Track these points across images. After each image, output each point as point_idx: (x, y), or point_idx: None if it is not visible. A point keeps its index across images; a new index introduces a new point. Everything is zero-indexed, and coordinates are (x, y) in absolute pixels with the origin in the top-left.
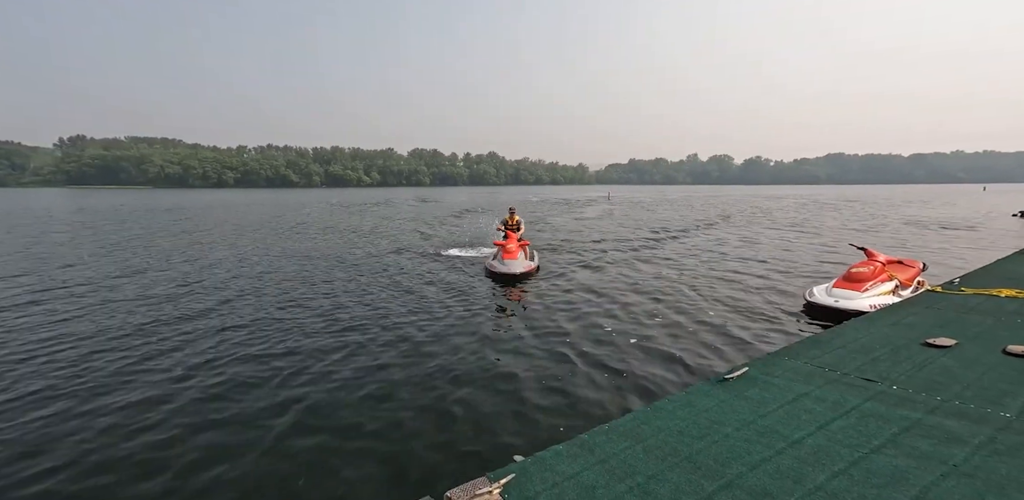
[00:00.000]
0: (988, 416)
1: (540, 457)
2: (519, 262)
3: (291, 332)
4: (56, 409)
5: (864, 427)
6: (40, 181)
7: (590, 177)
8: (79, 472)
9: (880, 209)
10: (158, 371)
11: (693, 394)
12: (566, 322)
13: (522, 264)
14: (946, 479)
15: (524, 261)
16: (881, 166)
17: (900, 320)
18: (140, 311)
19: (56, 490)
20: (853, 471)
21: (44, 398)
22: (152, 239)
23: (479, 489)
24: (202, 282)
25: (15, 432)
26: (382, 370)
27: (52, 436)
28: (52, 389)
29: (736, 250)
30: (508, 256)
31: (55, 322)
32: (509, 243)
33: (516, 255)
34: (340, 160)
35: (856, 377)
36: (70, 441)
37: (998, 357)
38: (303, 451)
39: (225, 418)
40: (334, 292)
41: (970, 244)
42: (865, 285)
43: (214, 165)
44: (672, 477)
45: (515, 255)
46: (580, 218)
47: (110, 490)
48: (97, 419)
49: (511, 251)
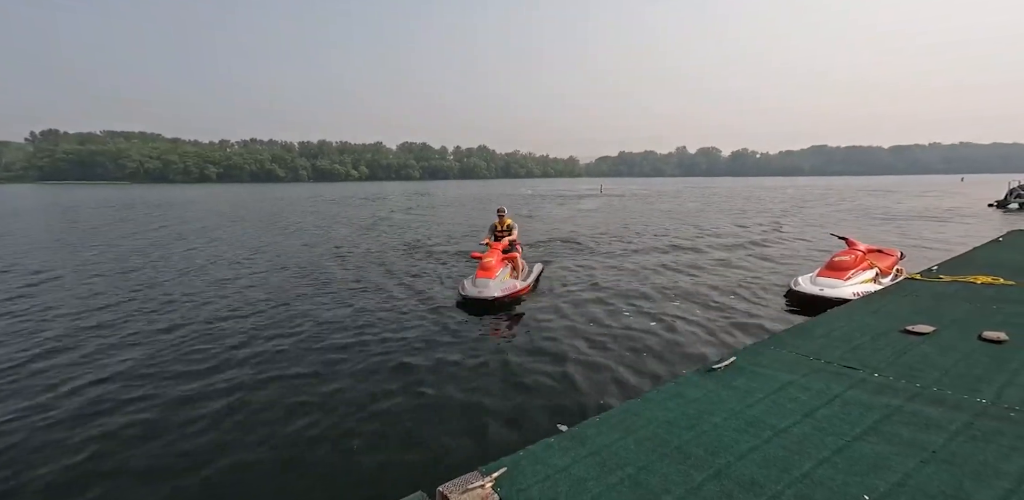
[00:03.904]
0: (965, 402)
1: (531, 450)
2: (497, 282)
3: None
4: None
5: (847, 415)
6: (10, 177)
7: (581, 170)
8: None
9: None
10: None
11: (682, 385)
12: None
13: (502, 285)
14: (926, 466)
15: (508, 281)
16: (863, 158)
17: (881, 308)
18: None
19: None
20: (837, 459)
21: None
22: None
23: (471, 483)
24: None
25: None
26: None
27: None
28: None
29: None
30: (483, 274)
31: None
32: (487, 256)
33: (495, 272)
34: (327, 154)
35: (839, 365)
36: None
37: (974, 343)
38: (294, 448)
39: (239, 416)
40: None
41: (946, 232)
42: (848, 273)
43: (196, 160)
44: (662, 468)
45: (493, 272)
46: (581, 209)
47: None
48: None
49: (488, 267)
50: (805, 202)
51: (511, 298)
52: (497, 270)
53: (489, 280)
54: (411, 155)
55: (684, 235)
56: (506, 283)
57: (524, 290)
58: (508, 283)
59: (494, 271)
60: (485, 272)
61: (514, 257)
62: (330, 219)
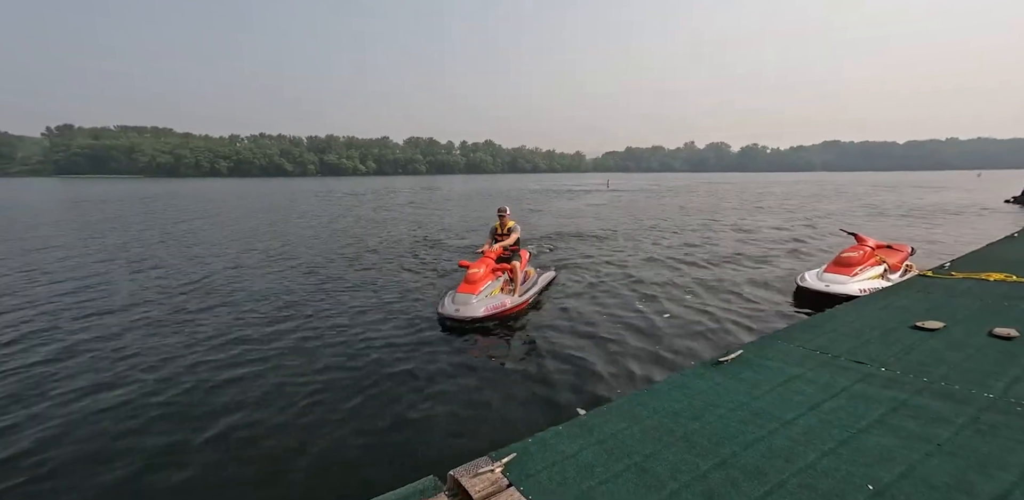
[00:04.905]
0: (972, 397)
1: (540, 437)
2: (481, 299)
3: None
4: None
5: (853, 408)
6: (28, 171)
7: (587, 165)
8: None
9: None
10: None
11: (688, 376)
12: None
13: (488, 302)
14: (931, 458)
15: (496, 297)
16: (877, 153)
17: (891, 304)
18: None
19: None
20: (842, 450)
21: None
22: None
23: (481, 468)
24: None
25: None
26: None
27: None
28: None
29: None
30: (465, 288)
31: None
32: (474, 266)
33: (479, 287)
34: (335, 149)
35: (847, 359)
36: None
37: (984, 339)
38: (308, 433)
39: (252, 397)
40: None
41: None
42: (855, 270)
43: (206, 154)
44: (668, 456)
45: (477, 287)
46: (589, 204)
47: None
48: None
49: (472, 280)
50: (814, 198)
51: (500, 317)
52: (483, 284)
53: (471, 296)
54: (417, 150)
55: (694, 230)
56: (493, 299)
57: (518, 307)
58: (495, 300)
59: (478, 285)
60: (468, 286)
61: (512, 267)
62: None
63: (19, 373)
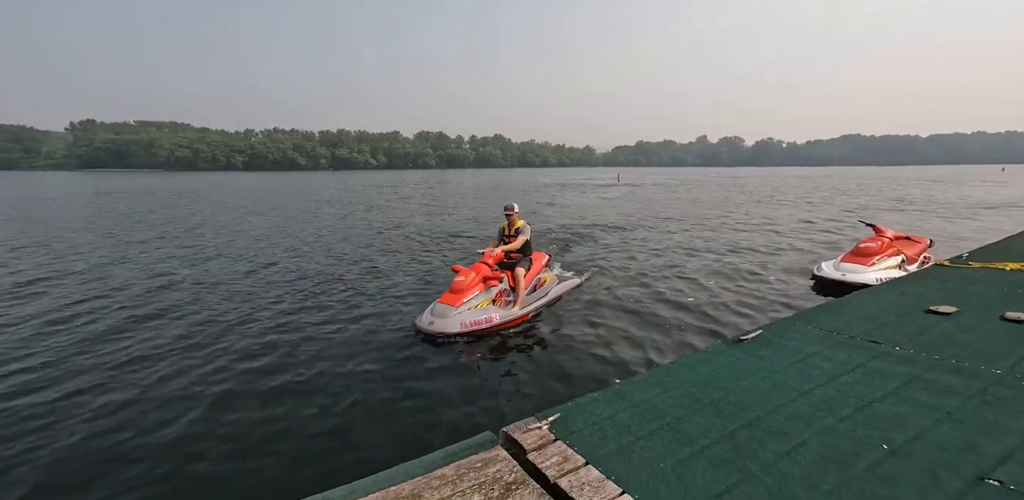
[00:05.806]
0: (981, 372)
1: (579, 402)
2: (461, 312)
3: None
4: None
5: (868, 381)
6: (53, 164)
7: (597, 159)
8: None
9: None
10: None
11: (710, 353)
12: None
13: (469, 316)
14: (941, 424)
15: (483, 310)
16: (897, 147)
17: (907, 290)
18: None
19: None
20: (858, 416)
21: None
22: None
23: (530, 426)
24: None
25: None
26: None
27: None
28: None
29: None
30: (446, 298)
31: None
32: (463, 273)
33: (461, 298)
34: (346, 143)
35: (863, 340)
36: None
37: (997, 323)
38: (392, 389)
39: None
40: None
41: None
42: (872, 260)
43: (223, 148)
44: (697, 419)
45: (460, 297)
46: (604, 197)
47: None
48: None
49: (457, 289)
50: (830, 192)
51: (484, 333)
52: (467, 294)
53: (450, 308)
54: (427, 144)
55: (709, 222)
56: (476, 313)
57: (511, 322)
58: (480, 313)
59: (462, 296)
60: (450, 296)
61: (514, 275)
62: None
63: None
